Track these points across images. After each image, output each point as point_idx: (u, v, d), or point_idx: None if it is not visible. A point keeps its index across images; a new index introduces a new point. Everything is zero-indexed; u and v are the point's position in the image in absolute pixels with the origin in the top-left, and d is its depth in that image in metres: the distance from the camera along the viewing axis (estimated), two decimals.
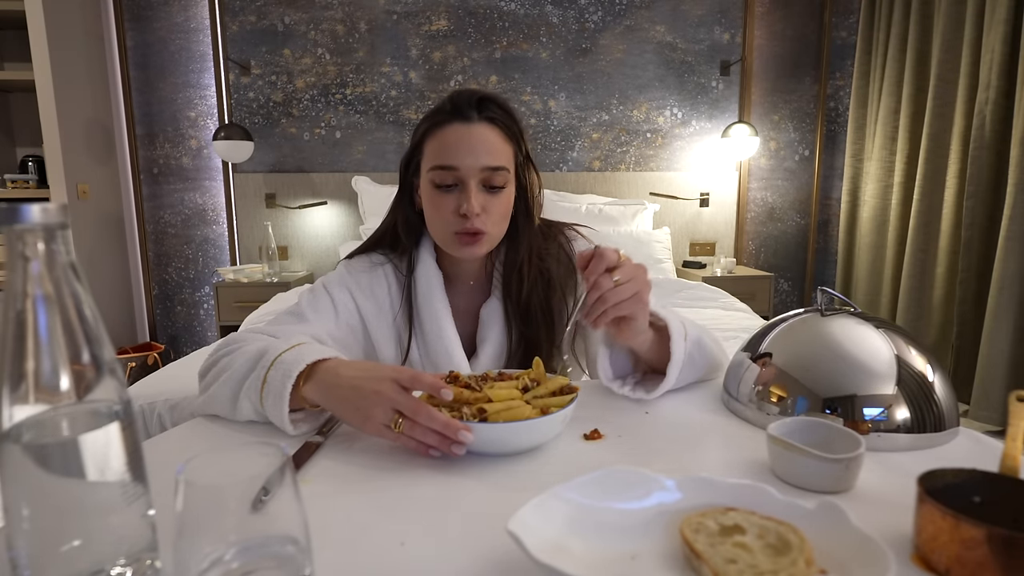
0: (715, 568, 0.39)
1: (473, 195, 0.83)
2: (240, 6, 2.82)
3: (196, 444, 0.67)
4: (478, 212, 0.83)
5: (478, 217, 0.84)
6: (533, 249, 0.93)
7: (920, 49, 2.62)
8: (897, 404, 0.63)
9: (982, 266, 2.37)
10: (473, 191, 0.84)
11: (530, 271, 0.92)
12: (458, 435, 0.57)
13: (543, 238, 0.95)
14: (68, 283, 0.37)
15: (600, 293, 0.67)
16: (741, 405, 0.72)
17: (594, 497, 0.46)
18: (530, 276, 0.91)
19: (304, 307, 0.88)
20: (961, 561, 0.40)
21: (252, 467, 0.37)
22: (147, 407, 1.38)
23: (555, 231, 0.98)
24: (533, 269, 0.92)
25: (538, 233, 0.95)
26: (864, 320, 0.70)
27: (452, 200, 0.85)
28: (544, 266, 0.93)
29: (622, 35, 2.95)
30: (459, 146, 0.84)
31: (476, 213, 0.83)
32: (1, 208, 0.35)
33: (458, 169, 0.83)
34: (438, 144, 0.85)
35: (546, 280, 0.93)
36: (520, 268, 0.91)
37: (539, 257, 0.93)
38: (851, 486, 0.54)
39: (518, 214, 0.92)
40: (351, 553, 0.45)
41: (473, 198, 0.83)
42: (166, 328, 3.09)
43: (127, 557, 0.39)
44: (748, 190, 3.13)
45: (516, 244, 0.92)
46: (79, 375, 0.37)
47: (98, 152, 2.78)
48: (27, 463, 0.36)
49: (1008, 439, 0.48)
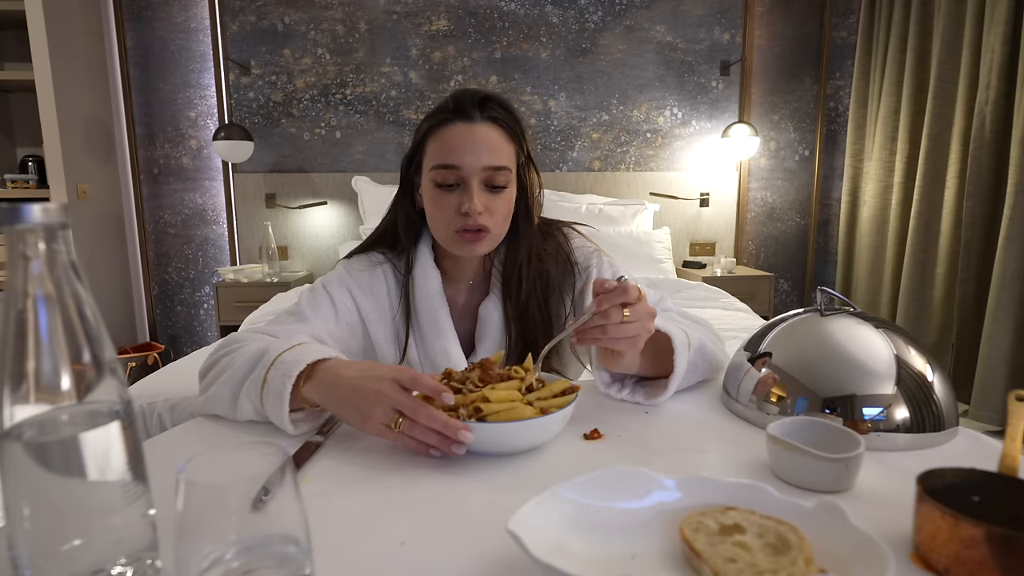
0: (715, 567, 0.39)
1: (475, 194, 0.84)
2: (240, 6, 2.83)
3: (196, 444, 0.67)
4: (481, 211, 0.84)
5: (481, 215, 0.84)
6: (532, 250, 0.93)
7: (920, 49, 2.62)
8: (897, 404, 0.63)
9: (982, 266, 2.37)
10: (475, 190, 0.84)
11: (529, 272, 0.92)
12: (458, 435, 0.57)
13: (542, 237, 0.95)
14: (69, 283, 0.37)
15: (605, 323, 0.66)
16: (741, 405, 0.72)
17: (594, 496, 0.46)
18: (529, 277, 0.92)
19: (304, 307, 0.88)
20: (960, 560, 0.40)
21: (252, 467, 0.37)
22: (147, 407, 1.39)
23: (553, 229, 0.98)
24: (532, 270, 0.92)
25: (537, 233, 0.95)
26: (864, 320, 0.70)
27: (454, 199, 0.85)
28: (543, 267, 0.93)
29: (622, 35, 2.96)
30: (461, 145, 0.84)
31: (479, 212, 0.83)
32: (1, 208, 0.35)
33: (460, 168, 0.84)
34: (440, 143, 0.85)
35: (545, 281, 0.93)
36: (519, 269, 0.92)
37: (538, 258, 0.93)
38: (850, 486, 0.54)
39: (518, 214, 0.92)
40: (351, 552, 0.45)
41: (475, 197, 0.83)
42: (166, 328, 3.09)
43: (128, 556, 0.39)
44: (748, 190, 3.13)
45: (516, 244, 0.92)
46: (80, 375, 0.37)
47: (98, 152, 2.78)
48: (28, 463, 0.36)
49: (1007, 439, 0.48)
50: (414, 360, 0.94)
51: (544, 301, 0.93)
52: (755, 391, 0.70)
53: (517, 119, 0.89)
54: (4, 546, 0.37)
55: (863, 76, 2.92)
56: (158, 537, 0.41)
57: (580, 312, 0.93)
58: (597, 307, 0.66)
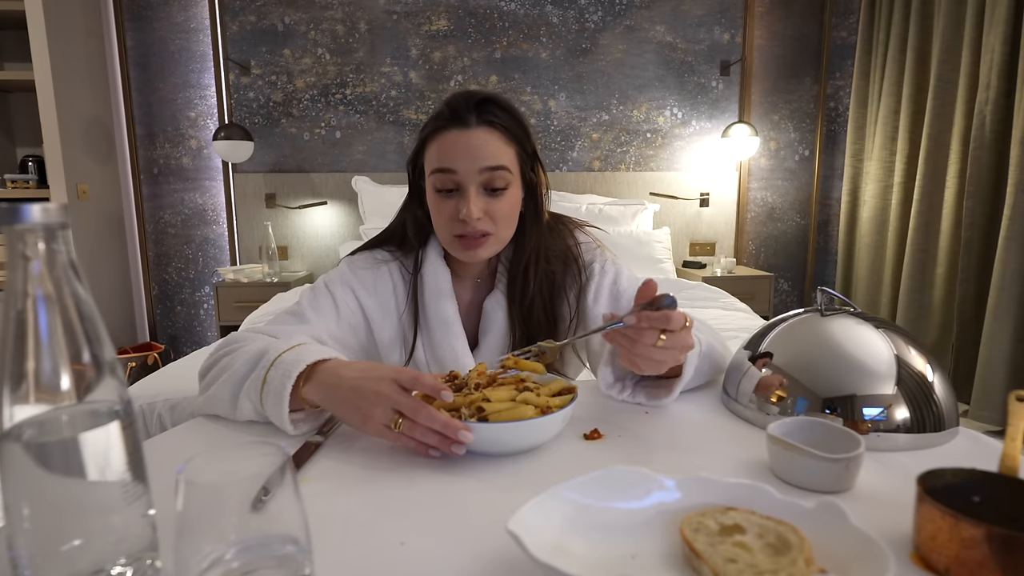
0: (715, 567, 0.39)
1: (472, 200, 0.83)
2: (240, 6, 2.83)
3: (196, 444, 0.67)
4: (478, 217, 0.83)
5: (479, 221, 0.84)
6: (540, 250, 0.92)
7: (920, 49, 2.63)
8: (897, 404, 0.63)
9: (982, 266, 2.37)
10: (472, 196, 0.83)
11: (536, 273, 0.91)
12: (458, 435, 0.57)
13: (551, 232, 0.94)
14: (68, 283, 0.37)
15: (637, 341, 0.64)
16: (741, 405, 0.72)
17: (594, 497, 0.46)
18: (536, 277, 0.91)
19: (305, 307, 0.87)
20: (960, 560, 0.40)
21: (252, 467, 0.37)
22: (147, 407, 1.39)
23: (563, 228, 0.97)
24: (539, 271, 0.91)
25: (546, 232, 0.94)
26: (864, 320, 0.70)
27: (452, 204, 0.85)
28: (550, 268, 0.92)
29: (622, 35, 2.96)
30: (456, 152, 0.83)
31: (476, 218, 0.83)
32: (1, 208, 0.35)
33: (456, 173, 0.83)
34: (437, 149, 0.85)
35: (551, 281, 0.92)
36: (526, 269, 0.91)
37: (545, 259, 0.92)
38: (851, 486, 0.54)
39: (526, 213, 0.91)
40: (351, 552, 0.46)
41: (472, 203, 0.83)
42: (166, 328, 3.09)
43: (127, 556, 0.39)
44: (748, 190, 3.13)
45: (523, 244, 0.92)
46: (79, 375, 0.37)
47: (98, 152, 2.78)
48: (28, 463, 0.36)
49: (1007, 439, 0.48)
50: (420, 361, 0.93)
51: (549, 302, 0.92)
52: (755, 391, 0.70)
53: (517, 119, 0.88)
54: (4, 546, 0.37)
55: (863, 76, 2.93)
56: (158, 537, 0.41)
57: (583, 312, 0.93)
58: (636, 321, 0.63)
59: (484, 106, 0.85)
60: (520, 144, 0.88)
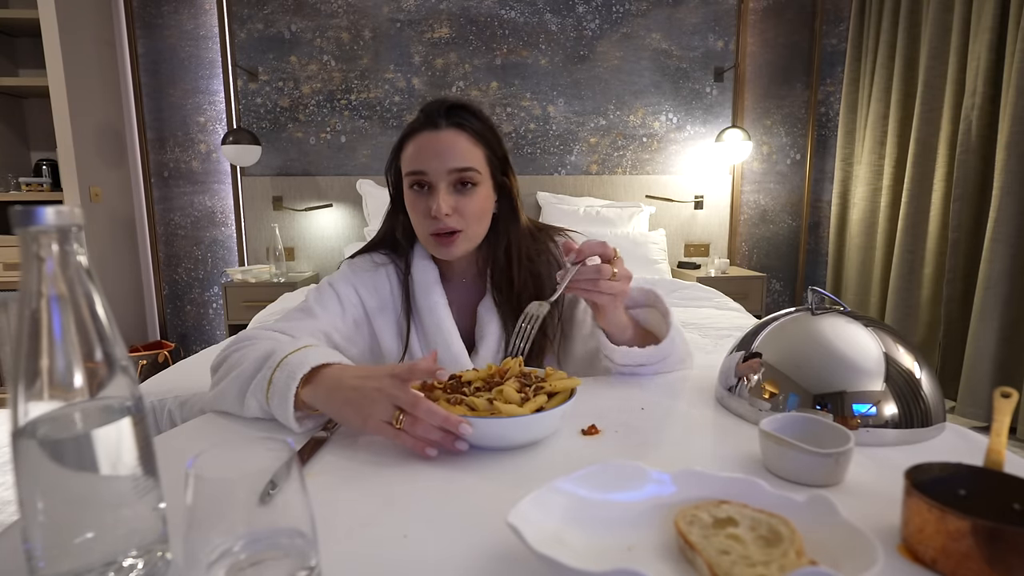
0: (709, 559, 0.39)
1: (441, 196, 0.87)
2: (248, 14, 2.90)
3: (205, 439, 0.68)
4: (447, 212, 0.87)
5: (448, 217, 0.88)
6: (522, 250, 0.96)
7: (908, 56, 2.68)
8: (885, 400, 0.63)
9: (968, 267, 2.41)
10: (442, 193, 0.87)
11: (520, 272, 0.95)
12: (458, 428, 0.58)
13: (532, 240, 0.99)
14: (81, 283, 0.37)
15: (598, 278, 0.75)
16: (734, 401, 0.73)
17: (592, 490, 0.47)
18: (520, 276, 0.95)
19: (312, 303, 0.93)
20: (947, 552, 0.40)
21: (260, 462, 0.37)
22: (158, 403, 1.41)
23: (544, 235, 1.01)
24: (523, 271, 0.95)
25: (527, 234, 0.98)
26: (853, 319, 0.70)
27: (425, 202, 0.89)
28: (534, 268, 0.96)
29: (619, 42, 3.02)
30: (428, 151, 0.88)
31: (446, 214, 0.87)
32: (16, 210, 0.36)
33: (426, 173, 0.88)
34: (410, 151, 0.90)
35: (538, 281, 0.96)
36: (509, 268, 0.95)
37: (528, 259, 0.96)
38: (840, 480, 0.54)
39: (502, 215, 0.96)
40: (355, 545, 0.46)
41: (441, 199, 0.86)
42: (176, 327, 3.15)
43: (139, 549, 0.39)
44: (741, 193, 3.19)
45: (502, 243, 0.96)
46: (92, 372, 0.38)
47: (110, 156, 2.85)
48: (42, 458, 0.36)
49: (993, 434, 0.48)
50: (416, 354, 0.97)
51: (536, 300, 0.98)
52: (748, 388, 0.71)
53: (487, 124, 0.92)
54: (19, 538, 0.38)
55: (853, 82, 2.98)
56: (168, 530, 0.42)
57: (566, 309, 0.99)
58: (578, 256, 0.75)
59: (454, 111, 0.90)
60: (490, 147, 0.92)
